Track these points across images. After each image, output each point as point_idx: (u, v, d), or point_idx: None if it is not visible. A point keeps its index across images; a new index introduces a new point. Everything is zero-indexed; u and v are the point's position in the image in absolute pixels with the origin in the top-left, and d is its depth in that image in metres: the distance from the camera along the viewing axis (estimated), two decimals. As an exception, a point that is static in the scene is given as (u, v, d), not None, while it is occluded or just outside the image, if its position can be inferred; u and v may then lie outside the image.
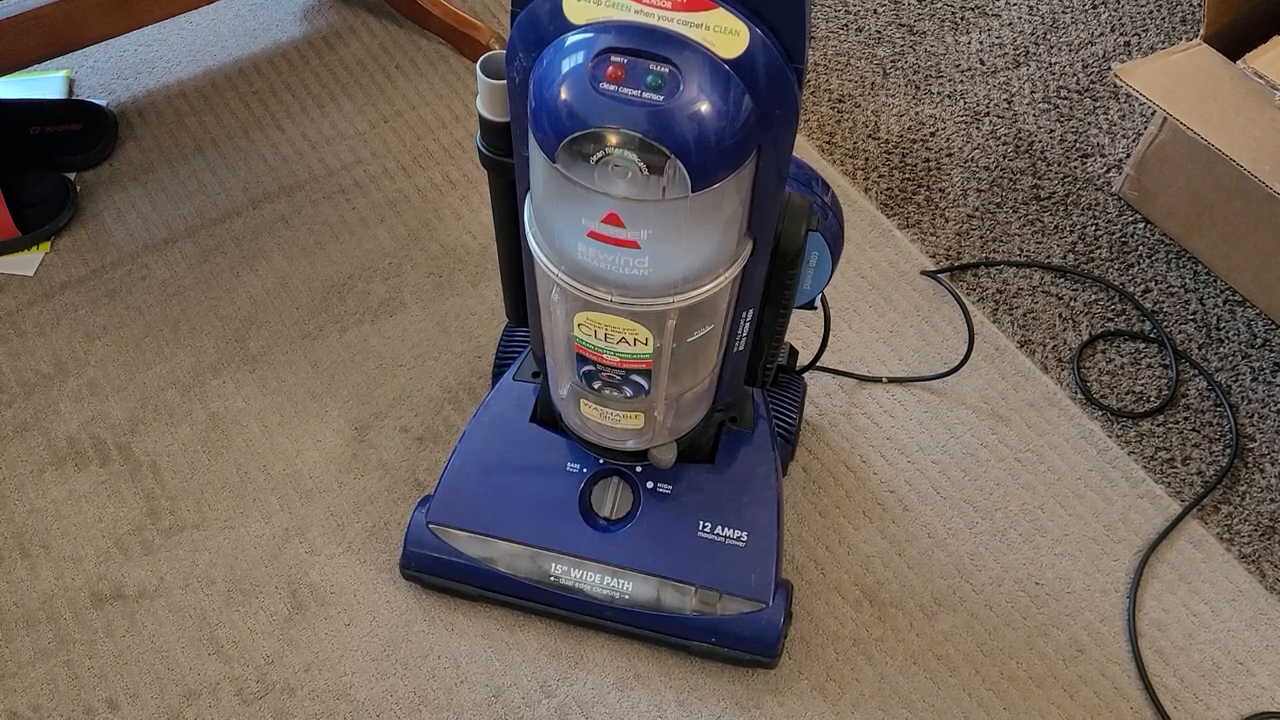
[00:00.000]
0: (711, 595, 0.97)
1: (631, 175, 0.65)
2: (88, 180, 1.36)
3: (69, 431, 1.15)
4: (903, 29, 1.54)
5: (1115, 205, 1.36)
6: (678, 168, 0.64)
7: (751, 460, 1.01)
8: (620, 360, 0.80)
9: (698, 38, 0.62)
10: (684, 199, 0.66)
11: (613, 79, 0.62)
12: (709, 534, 0.98)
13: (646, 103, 0.62)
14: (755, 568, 0.97)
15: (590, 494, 1.00)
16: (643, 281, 0.72)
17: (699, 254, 0.72)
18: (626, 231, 0.69)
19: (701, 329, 0.80)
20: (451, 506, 1.01)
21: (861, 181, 1.38)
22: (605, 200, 0.67)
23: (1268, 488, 1.13)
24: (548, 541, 0.99)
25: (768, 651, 0.97)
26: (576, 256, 0.72)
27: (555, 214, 0.72)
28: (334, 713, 0.99)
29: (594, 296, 0.74)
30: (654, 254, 0.70)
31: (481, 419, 1.04)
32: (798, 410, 1.08)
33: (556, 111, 0.64)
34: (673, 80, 0.62)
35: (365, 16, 1.54)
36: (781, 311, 0.85)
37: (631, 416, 0.88)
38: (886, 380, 1.19)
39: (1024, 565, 1.08)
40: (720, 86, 0.63)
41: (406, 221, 1.32)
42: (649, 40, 0.62)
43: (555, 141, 0.65)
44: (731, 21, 0.62)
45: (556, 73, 0.64)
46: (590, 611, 0.99)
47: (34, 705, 0.99)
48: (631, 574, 0.98)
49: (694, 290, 0.74)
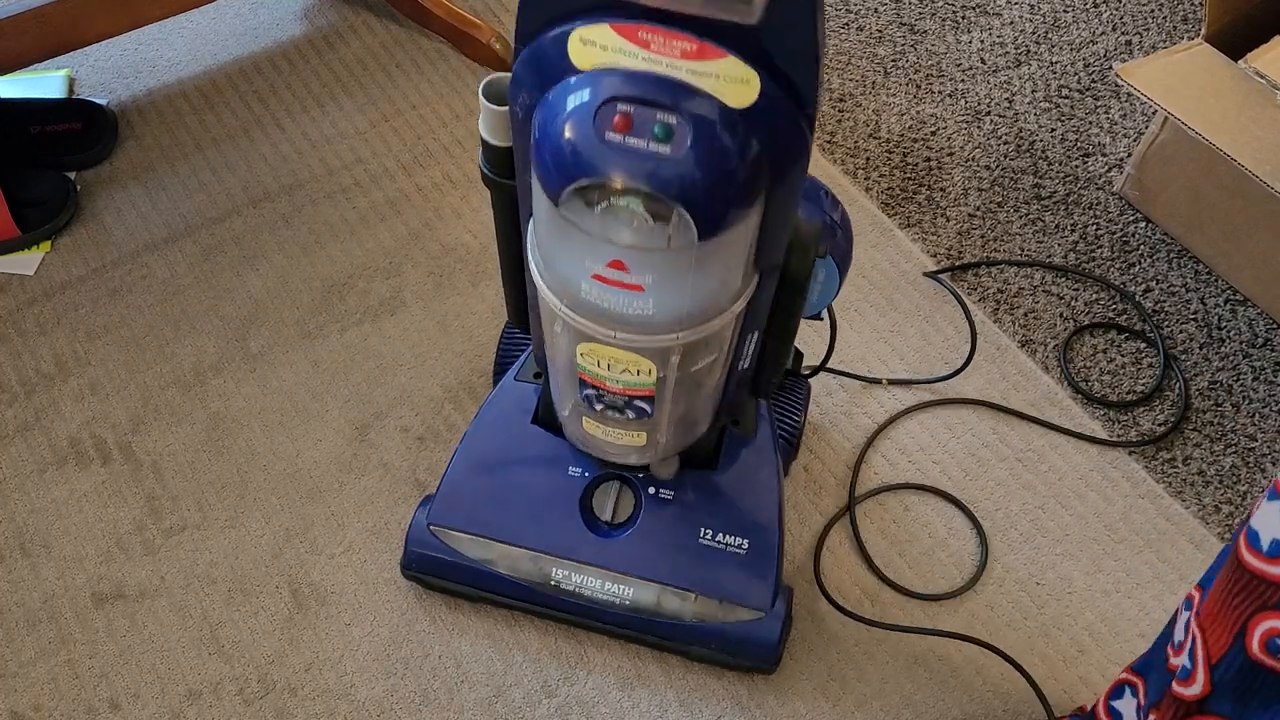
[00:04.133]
0: (711, 602, 0.96)
1: (637, 224, 0.63)
2: (88, 180, 1.35)
3: (70, 431, 1.15)
4: (904, 28, 1.54)
5: (1116, 204, 1.36)
6: (684, 217, 0.62)
7: (753, 465, 1.00)
8: (623, 388, 0.79)
9: (707, 87, 0.60)
10: (690, 247, 0.64)
11: (620, 128, 0.60)
12: (710, 540, 0.98)
13: (654, 154, 0.60)
14: (756, 575, 0.97)
15: (591, 498, 1.00)
16: (647, 320, 0.71)
17: (705, 293, 0.70)
18: (631, 276, 0.67)
19: (706, 358, 0.78)
20: (453, 508, 1.01)
21: (862, 181, 1.37)
22: (609, 247, 0.65)
23: (1268, 487, 1.13)
24: (549, 545, 0.99)
25: (767, 659, 0.97)
26: (580, 294, 0.70)
27: (559, 251, 0.70)
28: (335, 712, 0.99)
29: (597, 332, 0.73)
30: (658, 296, 0.68)
31: (483, 420, 1.04)
32: (801, 413, 1.08)
33: (561, 158, 0.62)
34: (681, 131, 0.60)
35: (365, 15, 1.53)
36: (787, 334, 0.83)
37: (634, 435, 0.87)
38: (887, 382, 1.19)
39: (1024, 565, 1.08)
40: (730, 137, 0.60)
41: (407, 221, 1.32)
42: (657, 89, 0.60)
43: (559, 188, 0.63)
44: (743, 70, 0.59)
45: (562, 118, 0.61)
46: (591, 616, 0.99)
47: (35, 705, 0.99)
48: (632, 580, 0.97)
49: (700, 326, 0.72)
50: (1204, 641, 0.66)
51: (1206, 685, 0.66)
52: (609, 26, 0.60)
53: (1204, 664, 0.66)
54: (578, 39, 0.61)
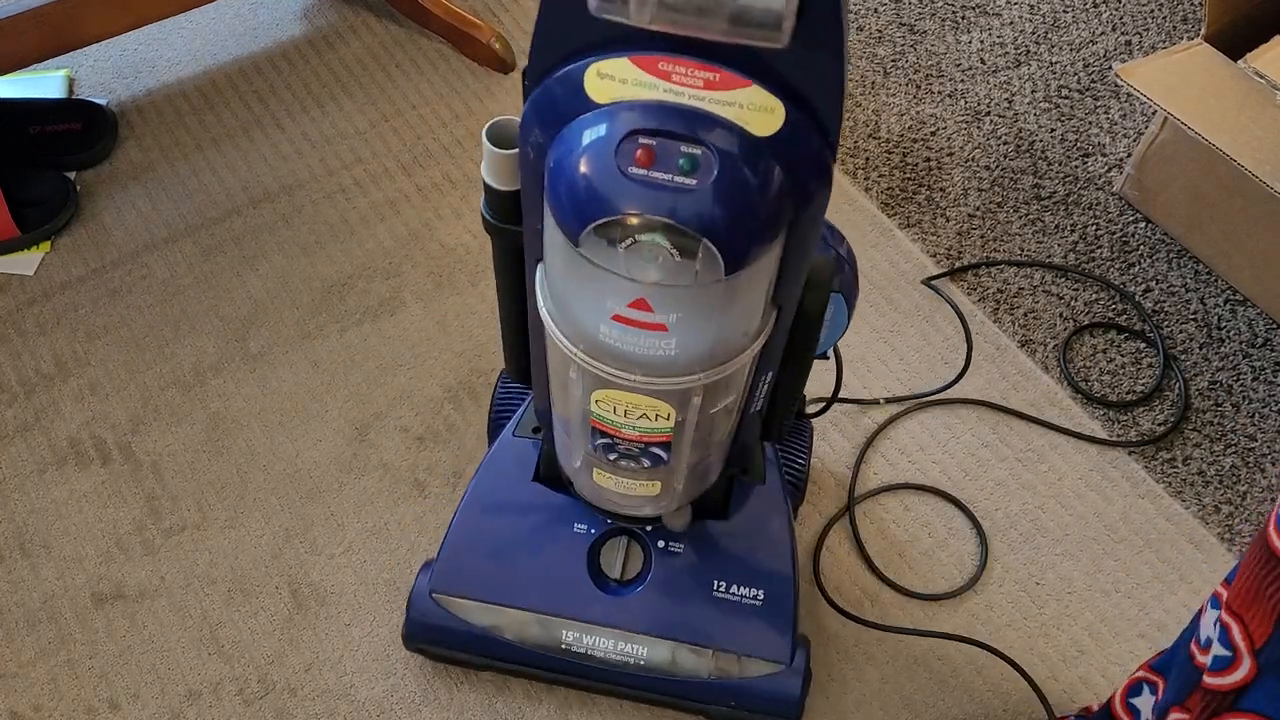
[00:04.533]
0: (729, 658, 0.93)
1: (662, 260, 0.61)
2: (88, 180, 1.35)
3: (70, 431, 1.15)
4: (904, 28, 1.54)
5: (1116, 204, 1.36)
6: (711, 251, 0.60)
7: (764, 513, 0.97)
8: (640, 435, 0.77)
9: (731, 116, 0.58)
10: (717, 282, 0.62)
11: (642, 162, 0.58)
12: (724, 593, 0.94)
13: (679, 187, 0.58)
14: (773, 627, 0.94)
15: (599, 555, 0.96)
16: (669, 361, 0.69)
17: (728, 331, 0.69)
18: (655, 316, 0.65)
19: (725, 400, 0.76)
20: (455, 573, 0.97)
21: (862, 181, 1.37)
22: (633, 285, 0.63)
23: (1268, 487, 1.13)
24: (557, 607, 0.95)
25: (789, 714, 0.93)
26: (598, 337, 0.68)
27: (575, 295, 0.68)
28: (335, 712, 0.99)
29: (616, 377, 0.70)
30: (682, 335, 0.67)
31: (483, 479, 1.00)
32: (806, 456, 1.05)
33: (581, 196, 0.60)
34: (706, 162, 0.58)
35: (365, 15, 1.53)
36: (801, 372, 0.82)
37: (649, 484, 0.84)
38: (884, 401, 1.18)
39: (1024, 565, 1.08)
40: (754, 167, 0.59)
41: (406, 221, 1.32)
42: (680, 121, 0.58)
43: (579, 227, 0.60)
44: (767, 99, 0.58)
45: (580, 154, 0.60)
46: (604, 678, 0.95)
47: (35, 705, 0.99)
48: (645, 638, 0.94)
49: (722, 366, 0.70)
50: (1243, 629, 0.67)
51: (1253, 669, 0.66)
52: (628, 60, 0.59)
53: (1247, 649, 0.66)
54: (595, 73, 0.60)
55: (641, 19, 0.57)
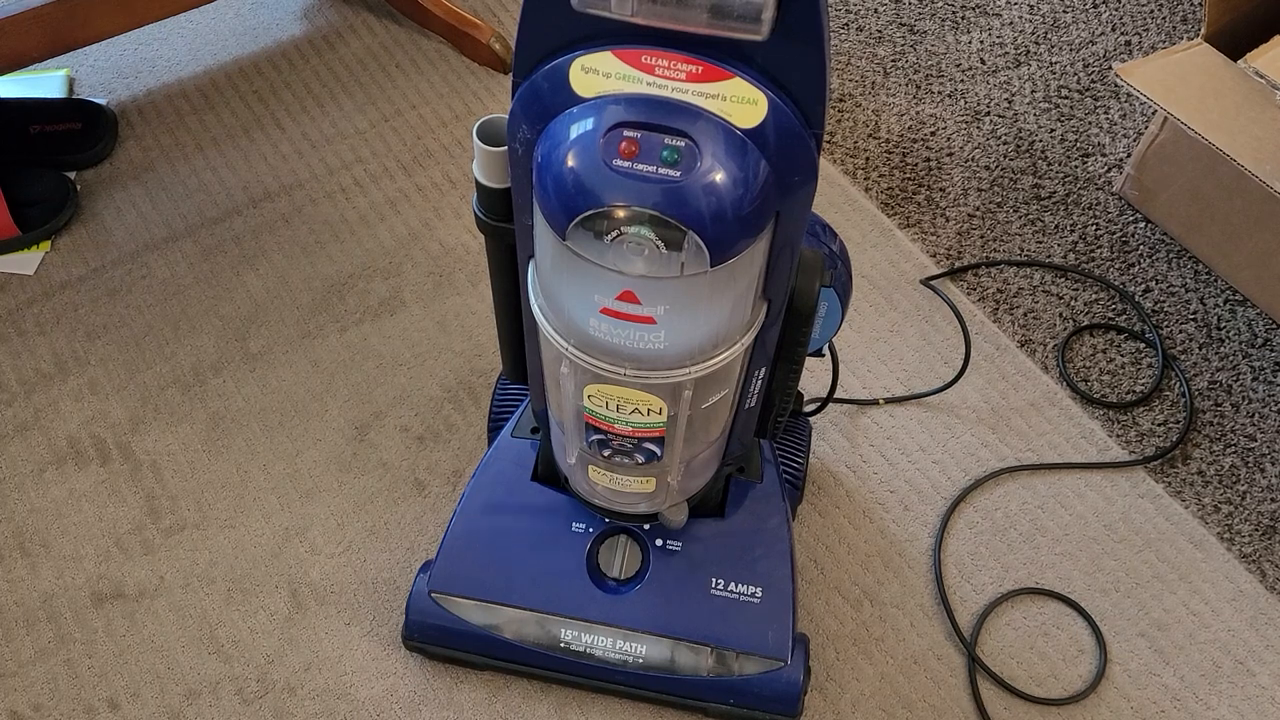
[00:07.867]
0: (728, 655, 0.93)
1: (648, 253, 0.61)
2: (88, 179, 1.36)
3: (69, 431, 1.15)
4: (903, 28, 1.54)
5: (1116, 204, 1.36)
6: (696, 243, 0.61)
7: (762, 511, 0.98)
8: (633, 430, 0.77)
9: (714, 108, 0.59)
10: (703, 273, 0.63)
11: (626, 155, 0.59)
12: (722, 591, 0.95)
13: (663, 179, 0.59)
14: (772, 624, 0.94)
15: (598, 554, 0.97)
16: (658, 354, 0.69)
17: (716, 323, 0.69)
18: (642, 308, 0.65)
19: (717, 394, 0.77)
20: (454, 572, 0.97)
21: (862, 181, 1.37)
22: (619, 278, 0.64)
23: (1268, 487, 1.13)
24: (556, 606, 0.95)
25: (789, 710, 0.94)
26: (588, 331, 0.69)
27: (564, 289, 0.69)
28: (334, 712, 0.99)
29: (607, 371, 0.71)
30: (670, 328, 0.67)
31: (481, 479, 1.00)
32: (804, 455, 1.05)
33: (567, 189, 0.60)
34: (690, 154, 0.59)
35: (365, 15, 1.54)
36: (794, 367, 0.82)
37: (643, 481, 0.85)
38: (884, 401, 1.18)
39: (1024, 565, 1.08)
40: (738, 158, 0.60)
41: (407, 220, 1.32)
42: (664, 113, 0.59)
43: (566, 220, 0.61)
44: (749, 91, 0.59)
45: (566, 148, 0.60)
46: (603, 677, 0.95)
47: (34, 704, 0.99)
48: (644, 636, 0.94)
49: (711, 359, 0.71)
50: None
51: None
52: (611, 53, 0.60)
53: None
54: (579, 68, 0.60)
55: (624, 12, 0.58)
